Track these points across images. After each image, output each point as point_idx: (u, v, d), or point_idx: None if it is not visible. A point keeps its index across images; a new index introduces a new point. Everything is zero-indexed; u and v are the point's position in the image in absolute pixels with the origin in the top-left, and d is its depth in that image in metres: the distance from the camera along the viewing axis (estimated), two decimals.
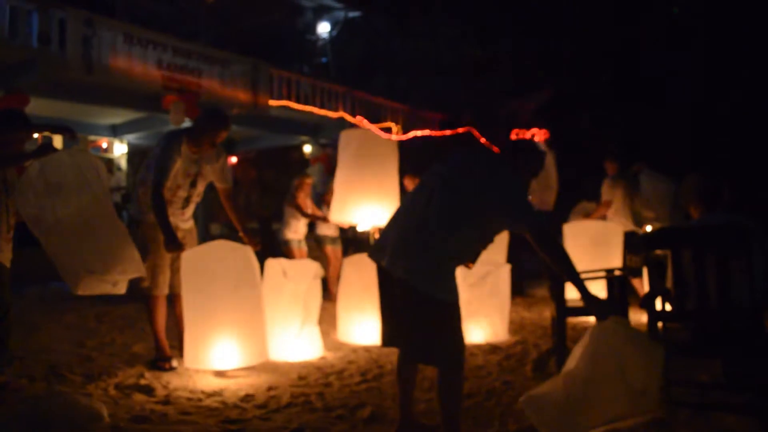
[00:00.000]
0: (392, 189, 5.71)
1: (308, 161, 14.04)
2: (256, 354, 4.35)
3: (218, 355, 4.21)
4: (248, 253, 4.40)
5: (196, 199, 4.58)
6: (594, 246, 6.35)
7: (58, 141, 9.38)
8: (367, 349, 5.09)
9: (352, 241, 9.55)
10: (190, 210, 4.61)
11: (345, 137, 5.98)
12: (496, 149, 3.97)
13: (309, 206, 7.98)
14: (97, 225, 3.53)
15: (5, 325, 3.75)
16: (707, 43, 15.51)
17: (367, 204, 5.57)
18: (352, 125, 13.73)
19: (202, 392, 3.86)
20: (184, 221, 4.56)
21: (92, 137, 12.68)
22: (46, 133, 5.31)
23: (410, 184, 8.27)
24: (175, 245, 4.21)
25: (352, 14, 17.44)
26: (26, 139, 3.90)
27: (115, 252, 3.56)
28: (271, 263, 4.91)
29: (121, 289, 3.74)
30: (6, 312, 3.74)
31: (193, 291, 4.27)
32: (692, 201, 3.68)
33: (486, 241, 3.10)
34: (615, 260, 6.29)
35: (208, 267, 4.25)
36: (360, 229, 6.20)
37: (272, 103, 12.39)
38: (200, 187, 4.57)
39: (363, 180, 5.60)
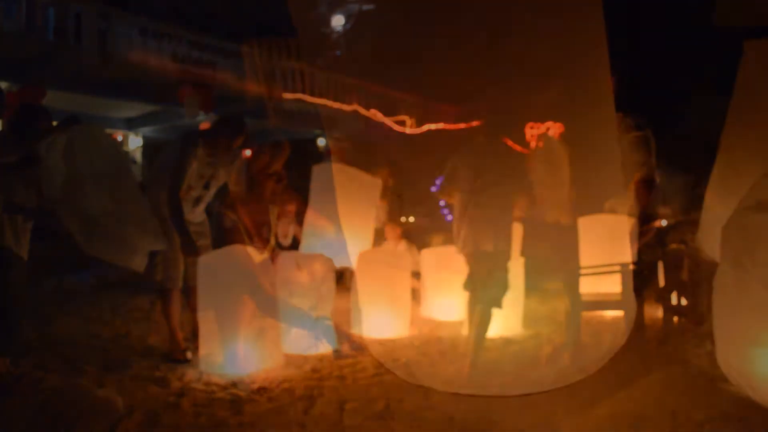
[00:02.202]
0: (363, 228, 5.53)
1: (322, 154, 14.03)
2: (270, 358, 4.36)
3: (233, 361, 4.19)
4: (264, 258, 4.40)
5: (207, 199, 4.59)
6: (609, 240, 6.28)
7: None
8: (381, 343, 5.09)
9: None
10: (201, 207, 4.61)
11: (317, 171, 5.76)
12: (509, 142, 4.04)
13: (290, 233, 7.51)
14: (115, 186, 3.69)
15: (15, 315, 3.77)
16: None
17: (336, 241, 5.37)
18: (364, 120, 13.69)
19: (216, 385, 3.87)
20: (195, 216, 4.56)
21: (108, 130, 12.75)
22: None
23: (390, 233, 8.01)
24: (191, 250, 4.22)
25: (366, 7, 17.38)
26: (46, 136, 3.91)
27: (130, 209, 3.66)
28: (286, 256, 4.91)
29: (140, 262, 3.78)
30: (14, 302, 3.76)
31: (209, 296, 4.27)
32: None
33: None
34: (630, 254, 6.21)
35: (224, 273, 4.25)
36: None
37: (286, 95, 12.39)
38: (213, 190, 4.57)
39: (334, 216, 5.38)
